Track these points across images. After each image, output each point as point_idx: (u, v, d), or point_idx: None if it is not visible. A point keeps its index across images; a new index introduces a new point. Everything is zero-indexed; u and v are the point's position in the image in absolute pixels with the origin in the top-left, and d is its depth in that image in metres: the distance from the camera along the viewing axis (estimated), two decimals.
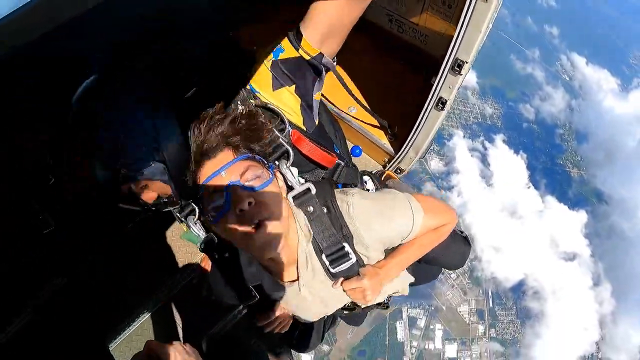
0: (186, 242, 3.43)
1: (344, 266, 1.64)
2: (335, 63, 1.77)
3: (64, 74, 2.10)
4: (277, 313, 1.84)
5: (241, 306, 2.68)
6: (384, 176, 2.74)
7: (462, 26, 2.28)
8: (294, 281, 1.70)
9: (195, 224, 1.72)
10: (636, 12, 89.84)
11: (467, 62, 2.40)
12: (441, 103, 2.65)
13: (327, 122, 2.14)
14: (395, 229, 1.69)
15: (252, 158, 1.51)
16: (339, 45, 1.70)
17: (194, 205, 1.72)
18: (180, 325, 3.31)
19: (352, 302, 1.91)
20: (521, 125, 67.76)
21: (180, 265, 3.50)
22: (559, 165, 65.17)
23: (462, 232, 2.31)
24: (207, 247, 1.72)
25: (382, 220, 1.67)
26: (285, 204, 1.56)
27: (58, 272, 2.82)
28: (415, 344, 46.85)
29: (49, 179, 2.40)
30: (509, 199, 59.24)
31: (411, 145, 3.03)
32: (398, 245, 1.82)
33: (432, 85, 2.63)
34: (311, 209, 1.62)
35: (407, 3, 3.32)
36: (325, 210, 1.63)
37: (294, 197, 1.63)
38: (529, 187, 61.92)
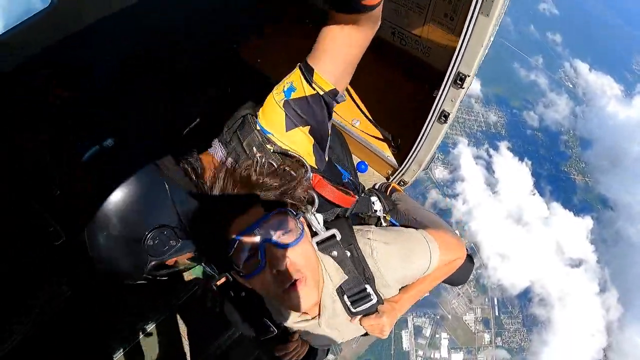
0: None
1: (365, 306, 1.67)
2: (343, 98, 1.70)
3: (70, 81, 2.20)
4: (295, 344, 1.85)
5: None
6: (389, 190, 2.69)
7: (463, 40, 2.30)
8: (314, 317, 1.69)
9: (211, 265, 1.67)
10: (639, 19, 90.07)
11: (469, 76, 2.42)
12: (444, 116, 2.67)
13: (334, 138, 2.05)
14: (415, 269, 1.73)
15: (283, 212, 1.42)
16: (349, 78, 1.64)
17: None
18: (185, 335, 3.32)
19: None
20: (525, 133, 67.72)
21: (185, 275, 3.47)
22: (563, 173, 65.10)
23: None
24: (222, 286, 1.72)
25: (404, 264, 1.70)
26: (315, 254, 1.53)
27: (62, 282, 2.82)
28: (420, 353, 46.69)
29: (54, 191, 2.35)
30: (514, 206, 59.06)
31: (414, 158, 3.04)
32: None
33: (435, 98, 2.64)
34: (335, 253, 1.63)
35: (409, 16, 3.36)
36: (348, 254, 1.64)
37: (318, 243, 1.63)
38: (534, 194, 61.64)
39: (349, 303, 1.65)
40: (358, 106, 3.32)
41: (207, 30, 3.54)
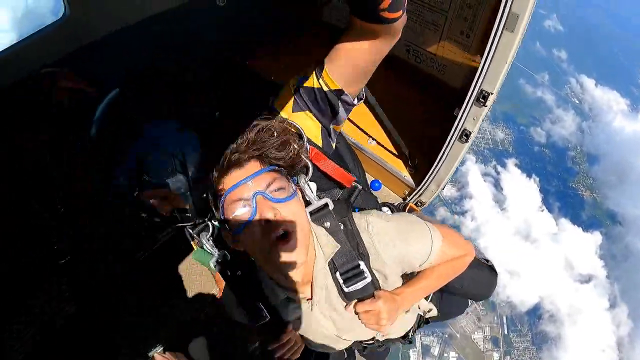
0: (199, 270, 3.47)
1: (358, 285, 1.58)
2: (358, 103, 1.72)
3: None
4: (288, 336, 1.78)
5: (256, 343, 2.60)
6: (407, 209, 2.58)
7: (487, 57, 2.23)
8: (307, 300, 1.64)
9: (208, 240, 1.72)
10: None
11: (492, 94, 2.36)
12: (465, 135, 2.60)
13: (345, 151, 2.07)
14: (413, 250, 1.63)
15: (278, 170, 1.48)
16: (361, 85, 1.66)
17: (209, 222, 1.73)
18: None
19: (371, 337, 1.88)
20: (533, 149, 67.99)
21: (192, 293, 3.51)
22: (571, 189, 65.02)
23: (487, 260, 2.22)
24: (220, 264, 1.72)
25: (400, 239, 1.61)
26: (307, 220, 1.51)
27: (69, 298, 2.79)
28: None
29: (59, 210, 2.49)
30: (523, 222, 58.82)
31: (433, 178, 2.96)
32: (416, 274, 1.79)
33: (455, 116, 2.57)
34: (328, 224, 1.59)
35: (424, 33, 3.33)
36: (342, 227, 1.59)
37: (311, 213, 1.59)
38: (542, 210, 61.46)
39: (341, 281, 1.58)
40: (373, 125, 3.29)
41: (219, 44, 3.52)
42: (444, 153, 2.78)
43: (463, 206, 58.57)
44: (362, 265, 1.57)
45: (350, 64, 1.54)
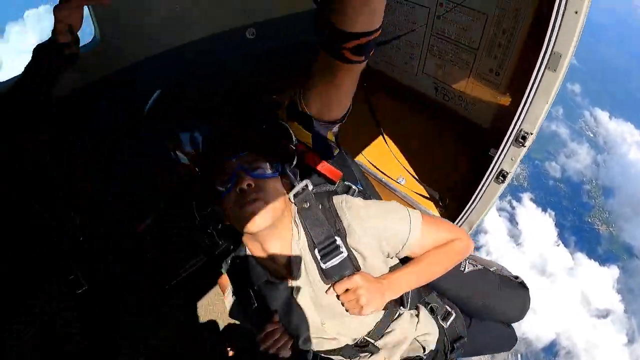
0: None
1: (335, 260, 1.60)
2: (333, 127, 1.67)
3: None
4: (274, 326, 1.72)
5: None
6: None
7: (527, 97, 2.19)
8: (288, 282, 1.70)
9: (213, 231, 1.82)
10: None
11: (532, 134, 2.30)
12: (502, 176, 2.54)
13: (359, 173, 2.05)
14: (390, 225, 1.67)
15: (262, 155, 1.64)
16: (333, 114, 1.59)
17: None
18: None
19: (363, 338, 1.82)
20: (548, 184, 67.62)
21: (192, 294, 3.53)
22: (587, 223, 64.30)
23: (516, 277, 2.14)
24: (222, 255, 1.87)
25: (375, 212, 1.67)
26: (283, 199, 1.62)
27: (69, 298, 2.75)
28: None
29: (78, 238, 2.57)
30: (538, 257, 58.06)
31: (466, 219, 2.89)
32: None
33: (491, 156, 2.52)
34: (307, 204, 1.66)
35: (452, 72, 3.31)
36: (320, 206, 1.66)
37: (294, 195, 1.69)
38: (558, 245, 60.60)
39: (319, 257, 1.61)
40: (403, 164, 3.27)
41: (246, 77, 3.54)
42: (478, 194, 2.74)
43: (478, 241, 57.30)
44: (339, 241, 1.61)
45: (315, 91, 1.52)
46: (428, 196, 3.24)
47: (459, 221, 2.93)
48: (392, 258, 1.81)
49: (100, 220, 2.78)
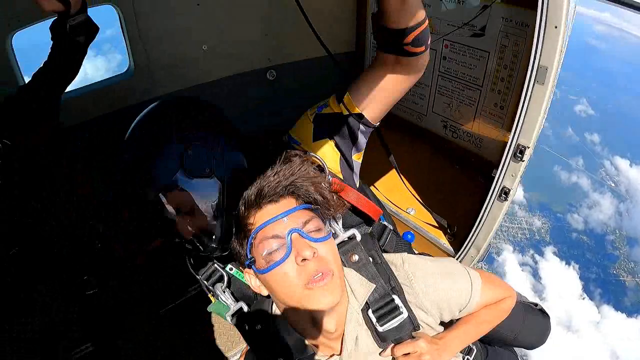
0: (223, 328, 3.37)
1: (394, 322, 1.38)
2: (376, 125, 1.68)
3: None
4: None
5: None
6: None
7: (521, 111, 2.31)
8: (335, 356, 1.43)
9: (224, 292, 1.61)
10: None
11: (528, 147, 2.38)
12: (504, 193, 2.59)
13: (373, 198, 1.94)
14: (454, 291, 1.48)
15: (313, 209, 1.38)
16: (380, 113, 1.63)
17: (222, 271, 1.63)
18: None
19: None
20: (570, 237, 66.48)
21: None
22: (612, 275, 62.63)
23: (536, 305, 2.09)
24: (236, 317, 1.59)
25: (441, 279, 1.46)
26: (340, 261, 1.39)
27: (69, 298, 2.78)
28: None
29: (96, 245, 2.62)
30: (563, 312, 56.23)
31: (472, 242, 2.93)
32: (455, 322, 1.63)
33: (494, 178, 2.59)
34: (356, 257, 1.47)
35: (460, 109, 3.49)
36: (371, 260, 1.46)
37: (338, 245, 1.47)
38: (583, 299, 58.85)
39: (374, 320, 1.39)
40: (413, 195, 3.34)
41: (267, 116, 3.68)
42: (483, 214, 2.74)
43: None
44: (397, 300, 1.39)
45: (372, 91, 1.54)
46: (437, 225, 3.34)
47: (466, 245, 2.98)
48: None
49: (100, 220, 2.79)
